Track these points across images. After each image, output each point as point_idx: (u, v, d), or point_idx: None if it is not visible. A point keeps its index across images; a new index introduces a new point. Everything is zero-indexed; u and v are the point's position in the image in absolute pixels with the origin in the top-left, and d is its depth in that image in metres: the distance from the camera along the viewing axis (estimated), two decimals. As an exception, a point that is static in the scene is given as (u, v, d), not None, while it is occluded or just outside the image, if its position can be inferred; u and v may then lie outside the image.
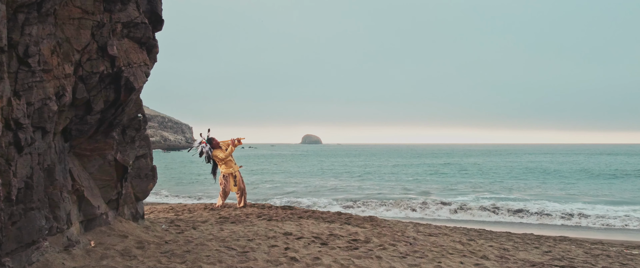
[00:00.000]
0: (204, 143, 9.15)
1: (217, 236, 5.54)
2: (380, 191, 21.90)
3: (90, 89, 4.50)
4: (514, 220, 13.03)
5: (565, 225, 12.37)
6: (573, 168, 37.84)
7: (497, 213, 14.23)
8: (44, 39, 3.94)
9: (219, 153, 8.97)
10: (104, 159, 5.23)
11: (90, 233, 4.87)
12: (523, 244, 7.23)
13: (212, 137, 9.17)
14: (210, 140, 9.14)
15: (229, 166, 9.01)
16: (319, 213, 8.61)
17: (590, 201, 17.01)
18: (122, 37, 4.92)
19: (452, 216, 13.90)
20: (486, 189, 22.60)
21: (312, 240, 5.50)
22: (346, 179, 28.85)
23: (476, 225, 11.51)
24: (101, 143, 5.19)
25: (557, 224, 12.53)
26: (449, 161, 53.62)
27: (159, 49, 5.73)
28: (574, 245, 7.61)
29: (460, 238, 6.97)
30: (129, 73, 4.80)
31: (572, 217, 13.05)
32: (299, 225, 6.69)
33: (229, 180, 9.01)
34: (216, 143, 9.11)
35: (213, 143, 9.10)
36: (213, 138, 9.16)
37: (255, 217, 7.43)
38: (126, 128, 5.58)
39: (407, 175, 31.78)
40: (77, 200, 4.75)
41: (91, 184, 5.05)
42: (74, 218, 4.64)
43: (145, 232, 5.33)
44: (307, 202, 16.98)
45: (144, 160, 5.87)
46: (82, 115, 4.56)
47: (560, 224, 12.52)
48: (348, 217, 8.17)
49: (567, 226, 12.29)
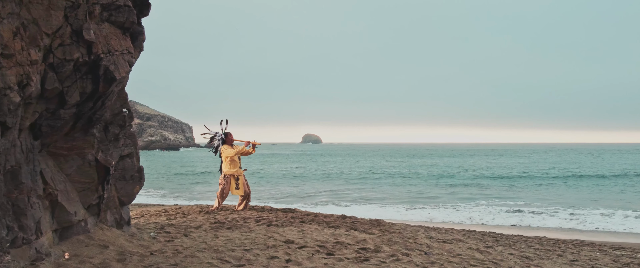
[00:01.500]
0: (221, 134, 8.63)
1: (210, 245, 4.97)
2: (382, 191, 21.33)
3: (64, 78, 3.93)
4: (522, 223, 12.46)
5: (575, 229, 11.80)
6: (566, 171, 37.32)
7: (502, 214, 13.70)
8: (4, 18, 3.36)
9: (226, 149, 8.40)
10: (83, 159, 4.65)
11: (66, 243, 4.30)
12: (544, 251, 6.66)
13: (229, 132, 8.62)
14: (226, 134, 8.59)
15: (233, 166, 8.41)
16: (322, 216, 8.04)
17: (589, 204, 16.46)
18: (102, 21, 4.34)
19: (458, 217, 13.32)
20: (490, 190, 22.04)
21: (317, 249, 4.93)
22: (347, 179, 28.28)
23: (485, 227, 10.94)
24: (80, 142, 4.62)
25: (565, 228, 11.95)
26: (451, 161, 53.05)
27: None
28: (598, 252, 7.04)
29: (476, 245, 6.40)
30: (109, 61, 4.22)
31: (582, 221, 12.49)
32: (301, 231, 6.11)
33: (229, 181, 8.41)
34: (230, 140, 8.55)
35: (227, 138, 8.54)
36: (229, 133, 8.61)
37: (254, 221, 6.85)
38: (109, 124, 5.00)
39: (410, 176, 31.22)
40: (49, 206, 4.18)
41: (67, 187, 4.47)
42: (45, 226, 4.07)
43: (130, 240, 4.76)
44: (309, 203, 16.42)
45: (129, 160, 5.29)
46: (54, 109, 3.99)
47: (569, 228, 11.95)
48: (353, 221, 7.59)
49: (580, 230, 11.72)
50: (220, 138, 8.57)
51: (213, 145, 8.69)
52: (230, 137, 8.55)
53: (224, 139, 8.54)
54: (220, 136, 8.61)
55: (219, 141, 8.56)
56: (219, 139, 8.59)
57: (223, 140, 8.54)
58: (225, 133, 8.57)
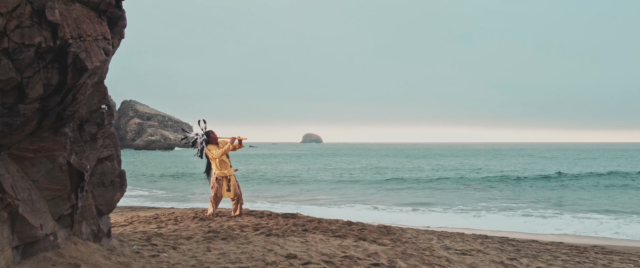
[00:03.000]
0: (202, 134, 7.93)
1: (201, 260, 4.34)
2: (386, 192, 20.70)
3: (23, 67, 3.29)
4: (534, 228, 11.81)
5: (586, 235, 11.14)
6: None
7: (509, 216, 13.08)
8: (-59, -9, 2.74)
9: (212, 149, 7.72)
10: (54, 163, 4.01)
11: (29, 261, 3.66)
12: (573, 263, 6.02)
13: (211, 131, 7.91)
14: (208, 133, 7.89)
15: (223, 167, 7.75)
16: (326, 223, 7.41)
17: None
18: (71, 1, 3.70)
19: (466, 220, 12.67)
20: (494, 191, 21.39)
21: (323, 266, 4.29)
22: (349, 179, 27.64)
23: (494, 231, 10.31)
24: (49, 142, 3.98)
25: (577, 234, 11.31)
26: (454, 161, 52.41)
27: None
28: (631, 264, 6.40)
29: (499, 256, 5.76)
30: (79, 48, 3.58)
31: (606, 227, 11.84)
32: (304, 242, 5.48)
33: (221, 184, 7.77)
34: (214, 138, 7.87)
35: (210, 137, 7.86)
36: (211, 132, 7.90)
37: (252, 230, 6.21)
38: (84, 123, 4.37)
39: (413, 176, 30.58)
40: (8, 219, 3.54)
41: (33, 196, 3.83)
42: (3, 243, 3.44)
43: (107, 256, 4.12)
44: (310, 205, 15.78)
45: (109, 164, 4.65)
46: (12, 104, 3.35)
47: (583, 234, 11.30)
48: (360, 229, 6.96)
49: (592, 236, 11.07)
50: (203, 140, 7.89)
51: (197, 148, 8.00)
52: (213, 135, 7.87)
53: (206, 140, 7.86)
54: (201, 137, 7.92)
55: (202, 142, 7.88)
56: (201, 141, 7.91)
57: (206, 141, 7.87)
58: (206, 132, 7.90)
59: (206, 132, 7.88)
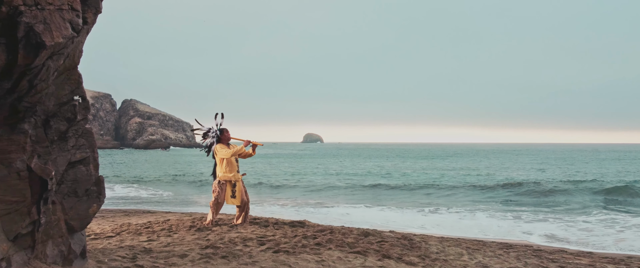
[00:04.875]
0: (216, 130, 7.08)
1: (195, 289, 3.48)
2: (393, 194, 19.83)
3: (-46, 41, 2.45)
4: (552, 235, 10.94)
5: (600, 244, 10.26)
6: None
7: (526, 221, 12.23)
8: None
9: (221, 149, 6.82)
10: (9, 168, 3.17)
11: (-29, 297, 2.82)
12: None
13: (225, 128, 7.04)
14: (222, 130, 7.01)
15: (230, 170, 6.82)
16: (340, 234, 6.57)
17: None
18: (26, -42, 2.86)
19: (484, 225, 11.81)
20: (506, 193, 20.52)
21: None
22: (352, 180, 26.79)
23: (516, 238, 9.47)
24: (3, 143, 3.14)
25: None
26: (459, 162, 51.55)
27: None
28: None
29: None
30: (35, 18, 2.73)
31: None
32: (319, 260, 4.63)
33: (224, 188, 6.86)
34: (226, 137, 6.95)
35: (222, 135, 6.97)
36: (225, 130, 7.01)
37: (257, 244, 5.36)
38: (51, 118, 3.52)
39: (417, 177, 29.73)
40: (-61, 243, 2.70)
41: (-21, 211, 2.99)
42: None
43: (77, 286, 3.27)
44: (317, 208, 14.93)
45: (83, 169, 3.79)
46: (-60, 91, 2.51)
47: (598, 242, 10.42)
48: (380, 241, 6.10)
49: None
50: (215, 135, 7.04)
51: (206, 143, 7.15)
52: (226, 135, 7.02)
53: (218, 137, 7.02)
54: (214, 132, 7.08)
55: (213, 138, 7.03)
56: (212, 136, 7.06)
57: (218, 138, 7.02)
58: (220, 129, 7.05)
59: (220, 128, 7.02)
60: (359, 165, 43.90)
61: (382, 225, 11.10)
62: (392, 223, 12.02)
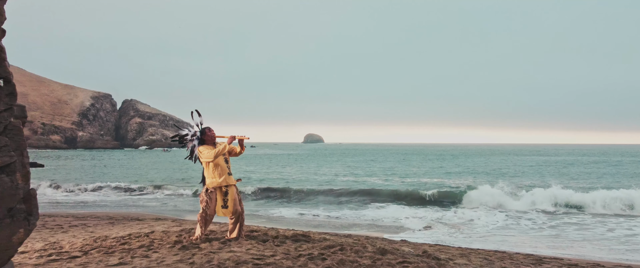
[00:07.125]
0: (195, 131, 5.98)
1: None
2: (397, 194, 18.76)
3: None
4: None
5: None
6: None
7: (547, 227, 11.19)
8: None
9: (204, 150, 5.70)
10: None
11: None
12: None
13: (207, 128, 5.90)
14: (204, 130, 5.89)
15: (218, 175, 5.70)
16: (352, 251, 5.54)
17: None
18: None
19: (499, 233, 10.74)
20: (515, 194, 19.43)
21: None
22: (354, 180, 25.72)
23: (541, 251, 8.42)
24: None
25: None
26: (464, 162, 50.45)
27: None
28: None
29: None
30: None
31: None
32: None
33: (213, 197, 5.73)
34: (210, 137, 5.77)
35: (206, 135, 5.78)
36: (208, 129, 5.82)
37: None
38: (-48, 107, 2.45)
39: (421, 178, 28.65)
40: None
41: None
42: None
43: None
44: (321, 211, 13.85)
45: (5, 179, 2.72)
46: None
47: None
48: (402, 262, 5.05)
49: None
50: (195, 137, 5.97)
51: (188, 147, 6.07)
52: (210, 133, 5.85)
53: (200, 138, 5.93)
54: (194, 134, 5.99)
55: (194, 141, 5.95)
56: (193, 138, 5.98)
57: (200, 140, 5.94)
58: (202, 129, 5.95)
59: (202, 129, 5.88)
60: (365, 166, 42.79)
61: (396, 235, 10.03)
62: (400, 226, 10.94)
